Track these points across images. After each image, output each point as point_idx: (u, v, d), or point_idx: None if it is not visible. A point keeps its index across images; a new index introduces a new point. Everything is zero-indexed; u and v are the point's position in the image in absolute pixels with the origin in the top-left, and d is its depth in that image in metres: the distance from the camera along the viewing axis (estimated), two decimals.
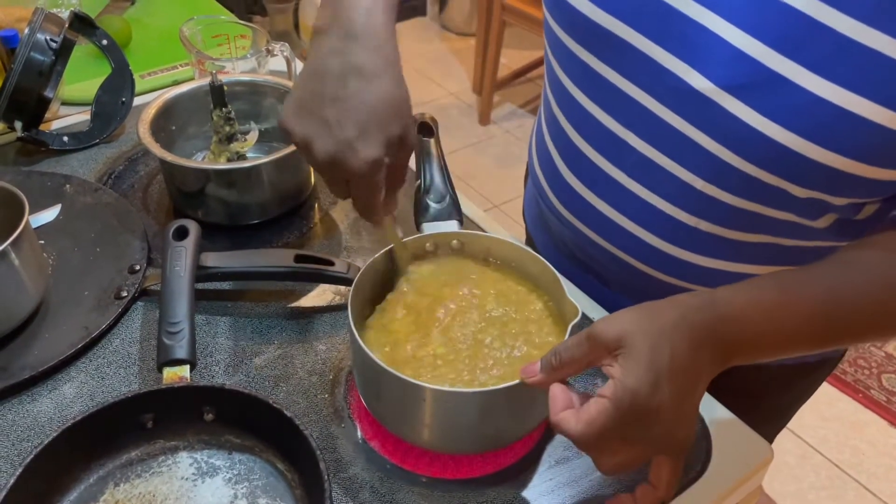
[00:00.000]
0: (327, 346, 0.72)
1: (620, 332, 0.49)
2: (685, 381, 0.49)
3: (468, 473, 0.62)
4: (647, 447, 0.49)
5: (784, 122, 0.55)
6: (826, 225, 0.64)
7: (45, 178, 0.87)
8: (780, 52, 0.54)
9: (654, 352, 0.48)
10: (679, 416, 0.49)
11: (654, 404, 0.47)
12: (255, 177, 0.81)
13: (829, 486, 1.70)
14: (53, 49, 0.86)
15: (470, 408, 0.57)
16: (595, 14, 0.62)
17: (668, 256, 0.69)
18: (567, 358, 0.51)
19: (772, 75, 0.54)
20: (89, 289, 0.74)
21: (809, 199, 0.60)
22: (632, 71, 0.63)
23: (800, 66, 0.53)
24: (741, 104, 0.56)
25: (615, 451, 0.49)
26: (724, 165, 0.60)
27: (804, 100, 0.53)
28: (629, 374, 0.48)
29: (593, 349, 0.50)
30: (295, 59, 1.00)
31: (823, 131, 0.54)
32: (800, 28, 0.53)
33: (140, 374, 0.68)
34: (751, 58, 0.55)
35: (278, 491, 0.59)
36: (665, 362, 0.48)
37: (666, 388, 0.47)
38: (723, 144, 0.59)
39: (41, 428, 0.63)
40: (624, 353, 0.48)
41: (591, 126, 0.69)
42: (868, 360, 1.96)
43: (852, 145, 0.54)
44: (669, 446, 0.50)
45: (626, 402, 0.47)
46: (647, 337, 0.48)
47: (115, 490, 0.59)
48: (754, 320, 0.52)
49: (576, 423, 0.49)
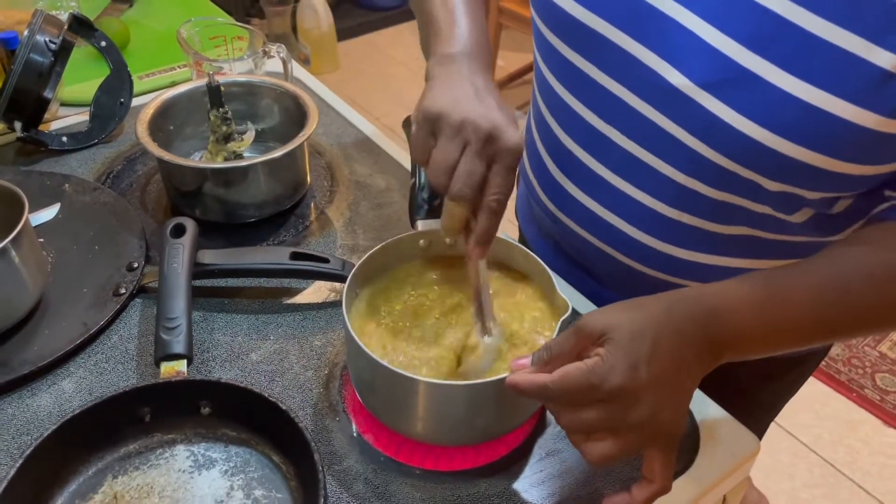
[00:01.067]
0: (322, 342, 0.73)
1: (605, 323, 0.50)
2: (667, 370, 0.50)
3: (460, 465, 0.63)
4: (631, 435, 0.50)
5: (756, 118, 0.56)
6: (803, 220, 0.66)
7: (44, 177, 0.88)
8: (751, 50, 0.55)
9: (636, 338, 0.49)
10: (662, 405, 0.50)
11: (630, 385, 0.48)
12: (251, 176, 0.82)
13: (823, 485, 1.71)
14: (52, 50, 0.87)
15: (462, 400, 0.58)
16: (578, 12, 0.64)
17: (652, 250, 0.71)
18: (556, 352, 0.52)
19: (744, 73, 0.56)
20: (88, 286, 0.75)
21: (783, 192, 0.61)
22: (614, 68, 0.64)
23: (770, 64, 0.55)
24: (716, 101, 0.58)
25: (600, 439, 0.50)
26: (701, 160, 0.62)
27: (775, 96, 0.55)
28: (609, 355, 0.49)
29: (580, 340, 0.51)
30: (291, 61, 1.01)
31: (793, 127, 0.55)
32: (770, 26, 0.54)
33: (138, 369, 0.69)
34: (725, 55, 0.57)
35: (274, 483, 0.60)
36: (646, 348, 0.49)
37: (644, 371, 0.49)
38: (700, 140, 0.61)
39: (40, 422, 0.64)
40: (607, 340, 0.50)
41: (575, 123, 0.71)
42: (862, 359, 1.97)
43: (821, 141, 0.55)
44: (655, 436, 0.51)
45: (600, 374, 0.48)
46: (630, 325, 0.50)
47: (113, 482, 0.60)
48: (743, 315, 0.53)
49: (549, 374, 0.50)
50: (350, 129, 1.02)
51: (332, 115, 1.05)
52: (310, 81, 1.11)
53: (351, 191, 0.92)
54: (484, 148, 0.56)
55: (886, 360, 1.97)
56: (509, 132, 0.56)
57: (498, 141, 0.56)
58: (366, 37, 3.31)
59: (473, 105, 0.58)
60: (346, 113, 1.05)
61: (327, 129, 1.02)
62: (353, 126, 1.03)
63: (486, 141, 0.56)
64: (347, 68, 3.10)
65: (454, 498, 0.60)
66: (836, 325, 0.57)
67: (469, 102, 0.58)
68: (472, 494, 0.61)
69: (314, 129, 0.84)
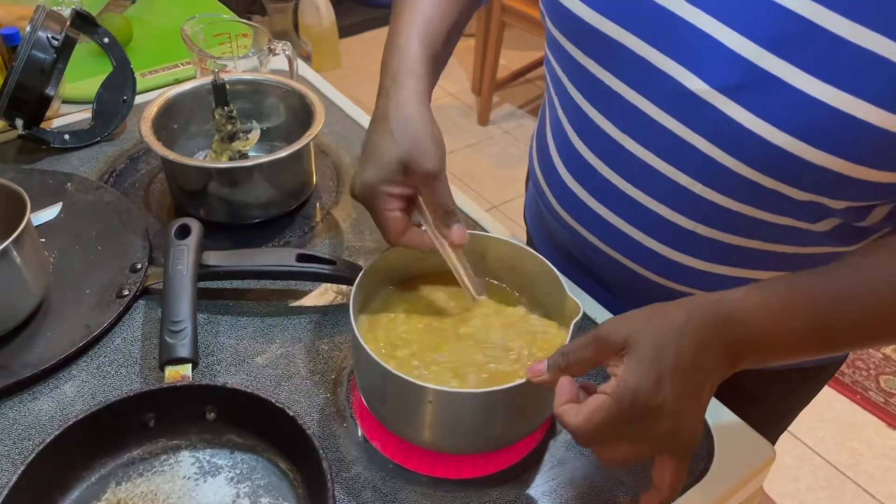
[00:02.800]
0: (329, 346, 0.72)
1: (627, 333, 0.49)
2: (690, 381, 0.49)
3: (471, 473, 0.62)
4: (650, 445, 0.49)
5: (778, 123, 0.55)
6: (827, 229, 0.64)
7: (46, 176, 0.87)
8: (773, 53, 0.54)
9: (659, 351, 0.48)
10: (683, 416, 0.49)
11: (656, 402, 0.47)
12: (256, 176, 0.81)
13: (827, 487, 1.70)
14: (55, 47, 0.86)
15: (473, 408, 0.57)
16: (590, 17, 0.62)
17: (666, 260, 0.69)
18: (574, 359, 0.51)
19: (765, 76, 0.54)
20: (91, 287, 0.74)
21: (807, 202, 0.60)
22: (628, 74, 0.63)
23: (793, 67, 0.53)
24: (736, 105, 0.56)
25: (617, 447, 0.49)
26: (720, 168, 0.60)
27: (798, 100, 0.53)
28: (632, 373, 0.48)
29: (600, 350, 0.50)
30: (296, 59, 1.00)
31: (818, 132, 0.54)
32: (793, 28, 0.53)
33: (142, 373, 0.68)
34: (744, 59, 0.55)
35: (281, 490, 0.59)
36: (670, 361, 0.48)
37: (669, 386, 0.47)
38: (719, 147, 0.59)
39: (42, 427, 0.63)
40: (629, 352, 0.49)
41: (590, 130, 0.69)
42: (866, 361, 1.97)
43: (847, 147, 0.54)
44: (673, 445, 0.50)
45: (627, 400, 0.47)
46: (652, 337, 0.48)
47: (116, 489, 0.59)
48: (763, 321, 0.52)
49: (575, 415, 0.49)
50: (356, 129, 1.01)
51: (338, 113, 1.03)
52: (315, 80, 1.10)
53: None
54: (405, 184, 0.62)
55: (891, 363, 1.96)
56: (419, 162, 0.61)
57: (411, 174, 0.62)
58: (367, 34, 3.30)
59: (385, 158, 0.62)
60: (352, 112, 1.04)
61: (333, 128, 1.00)
62: (360, 125, 1.01)
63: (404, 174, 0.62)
64: (349, 65, 3.09)
65: None
66: (857, 332, 0.56)
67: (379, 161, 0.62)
68: (482, 503, 0.59)
69: (321, 128, 0.83)
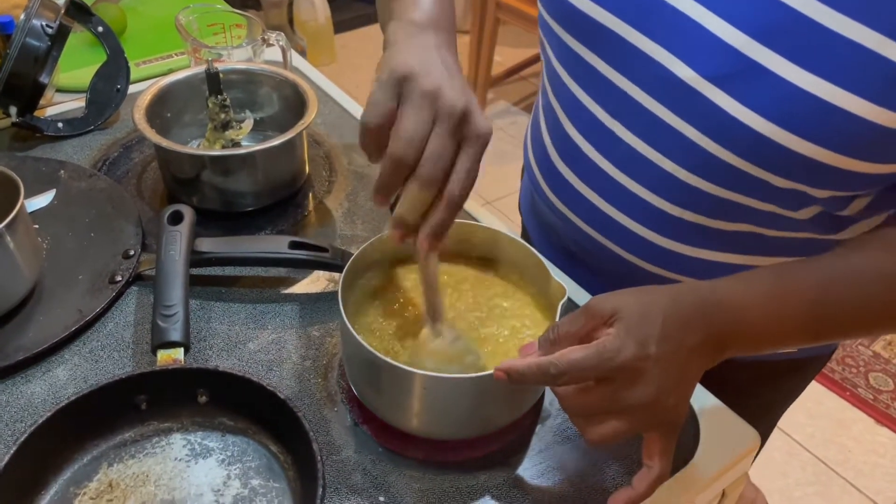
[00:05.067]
0: (321, 332, 0.72)
1: (615, 304, 0.51)
2: (674, 351, 0.50)
3: (460, 457, 0.62)
4: (633, 417, 0.50)
5: (765, 112, 0.56)
6: (808, 217, 0.65)
7: (39, 163, 0.87)
8: (761, 43, 0.55)
9: (645, 318, 0.50)
10: (666, 386, 0.50)
11: (638, 362, 0.49)
12: (249, 164, 0.82)
13: (816, 483, 1.71)
14: (49, 35, 0.86)
15: (463, 393, 0.58)
16: (585, 6, 0.63)
17: (653, 246, 0.70)
18: (564, 332, 0.52)
19: (753, 65, 0.55)
20: (83, 273, 0.75)
21: (791, 190, 0.61)
22: (620, 62, 0.64)
23: (781, 57, 0.54)
24: (724, 94, 0.57)
25: (602, 423, 0.50)
26: (707, 156, 0.61)
27: (785, 90, 0.54)
28: (619, 334, 0.49)
29: (589, 321, 0.51)
30: (290, 49, 1.00)
31: (804, 122, 0.55)
32: (782, 19, 0.54)
33: (134, 357, 0.68)
34: (733, 48, 0.56)
35: (271, 472, 0.60)
36: (656, 329, 0.49)
37: (653, 349, 0.49)
38: (706, 135, 0.60)
39: (35, 409, 0.64)
40: (617, 319, 0.50)
41: (581, 115, 0.70)
42: (855, 358, 1.98)
43: (832, 137, 0.55)
44: (657, 419, 0.51)
45: (611, 350, 0.48)
46: (640, 306, 0.50)
47: (108, 470, 0.59)
48: (749, 310, 0.53)
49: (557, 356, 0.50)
50: (349, 119, 1.01)
51: (331, 104, 1.04)
52: (308, 71, 1.10)
53: (350, 181, 0.91)
54: (457, 128, 0.52)
55: (880, 360, 1.98)
56: (481, 116, 0.52)
57: (470, 124, 0.52)
58: (363, 29, 3.30)
59: (445, 78, 0.52)
60: (345, 103, 1.04)
61: (326, 118, 1.01)
62: (352, 116, 1.02)
63: (460, 121, 0.52)
64: (344, 61, 3.09)
65: (453, 489, 0.60)
66: (843, 322, 0.57)
67: (441, 74, 0.52)
68: (471, 486, 0.60)
69: (313, 117, 0.83)
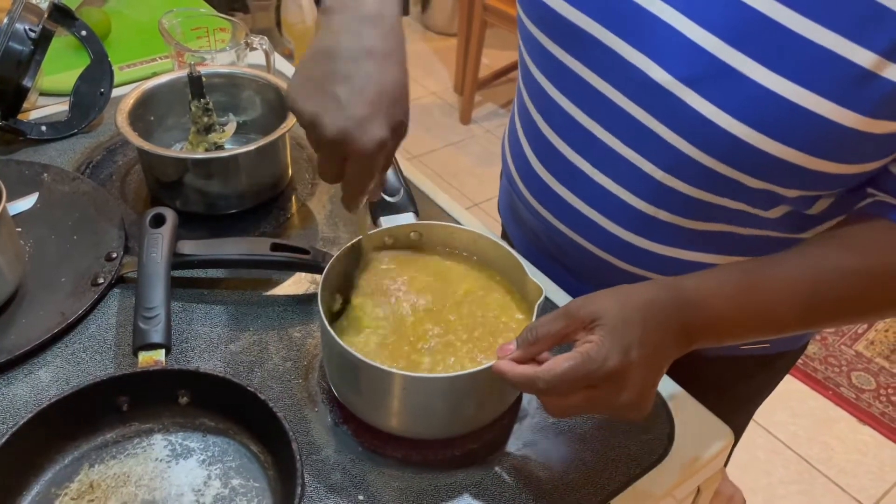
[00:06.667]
0: (302, 334, 0.73)
1: (596, 308, 0.52)
2: (652, 354, 0.51)
3: (439, 455, 0.63)
4: (611, 413, 0.53)
5: (737, 113, 0.57)
6: (778, 216, 0.67)
7: (22, 166, 0.88)
8: (732, 46, 0.56)
9: (626, 323, 0.51)
10: (646, 385, 0.52)
11: (622, 370, 0.50)
12: (232, 167, 0.82)
13: (799, 481, 1.73)
14: (32, 39, 0.87)
15: (441, 393, 0.59)
16: (563, 9, 0.64)
17: (628, 245, 0.72)
18: (543, 333, 0.53)
19: (725, 68, 0.57)
20: (66, 275, 0.75)
21: (762, 190, 0.62)
22: (596, 64, 0.65)
23: (751, 60, 0.55)
24: (697, 96, 0.59)
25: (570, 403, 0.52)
26: (681, 156, 0.63)
27: (755, 93, 0.56)
28: (604, 343, 0.50)
29: (570, 324, 0.52)
30: (274, 53, 1.01)
31: (773, 123, 0.56)
32: (750, 22, 0.55)
33: (115, 359, 0.69)
34: (705, 51, 0.57)
35: (251, 472, 0.60)
36: (637, 333, 0.51)
37: (635, 355, 0.50)
38: (681, 136, 0.62)
39: (16, 411, 0.64)
40: (599, 324, 0.51)
41: (558, 116, 0.71)
42: (838, 358, 2.00)
43: (801, 139, 0.56)
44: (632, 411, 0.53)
45: (597, 360, 0.50)
46: (620, 311, 0.51)
47: (89, 471, 0.60)
48: (716, 305, 0.55)
49: (544, 369, 0.51)
50: None
51: None
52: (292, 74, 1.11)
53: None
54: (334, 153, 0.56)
55: (862, 359, 2.00)
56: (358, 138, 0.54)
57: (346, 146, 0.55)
58: None
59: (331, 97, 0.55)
60: None
61: None
62: None
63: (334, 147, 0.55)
64: None
65: (431, 488, 0.61)
66: (805, 316, 0.59)
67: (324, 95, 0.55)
68: (449, 484, 0.61)
69: (295, 121, 0.84)
